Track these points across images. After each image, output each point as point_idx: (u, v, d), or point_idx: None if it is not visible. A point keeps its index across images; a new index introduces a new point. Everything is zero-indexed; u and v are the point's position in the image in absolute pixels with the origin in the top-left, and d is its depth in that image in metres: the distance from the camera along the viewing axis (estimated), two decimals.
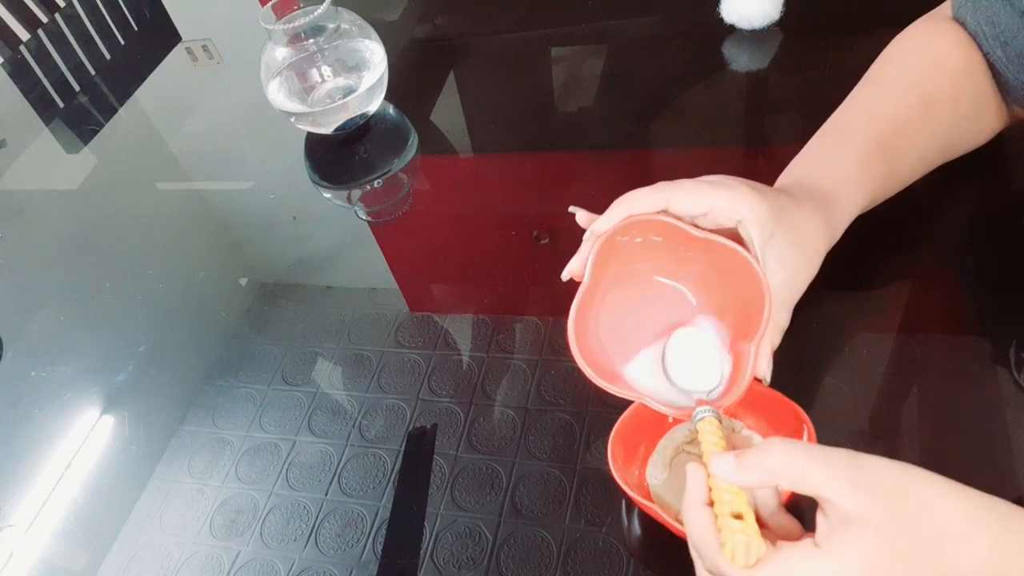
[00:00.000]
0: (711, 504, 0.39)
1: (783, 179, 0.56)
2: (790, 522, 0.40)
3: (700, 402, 0.46)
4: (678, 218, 0.49)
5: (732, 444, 0.42)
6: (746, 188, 0.48)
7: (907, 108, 0.57)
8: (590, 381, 0.47)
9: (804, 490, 0.37)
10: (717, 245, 0.48)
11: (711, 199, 0.48)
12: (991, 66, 0.58)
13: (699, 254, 0.50)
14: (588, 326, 0.50)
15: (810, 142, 0.58)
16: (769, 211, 0.48)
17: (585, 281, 0.49)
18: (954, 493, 0.36)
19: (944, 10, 0.62)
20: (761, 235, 0.48)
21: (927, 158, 0.59)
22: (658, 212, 0.49)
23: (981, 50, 0.58)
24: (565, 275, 0.51)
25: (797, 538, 0.38)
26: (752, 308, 0.48)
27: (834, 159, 0.56)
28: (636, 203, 0.49)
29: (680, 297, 0.52)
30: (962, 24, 0.59)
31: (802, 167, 0.56)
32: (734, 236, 0.49)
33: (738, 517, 0.38)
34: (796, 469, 0.37)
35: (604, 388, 0.47)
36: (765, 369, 0.48)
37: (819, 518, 0.37)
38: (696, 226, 0.49)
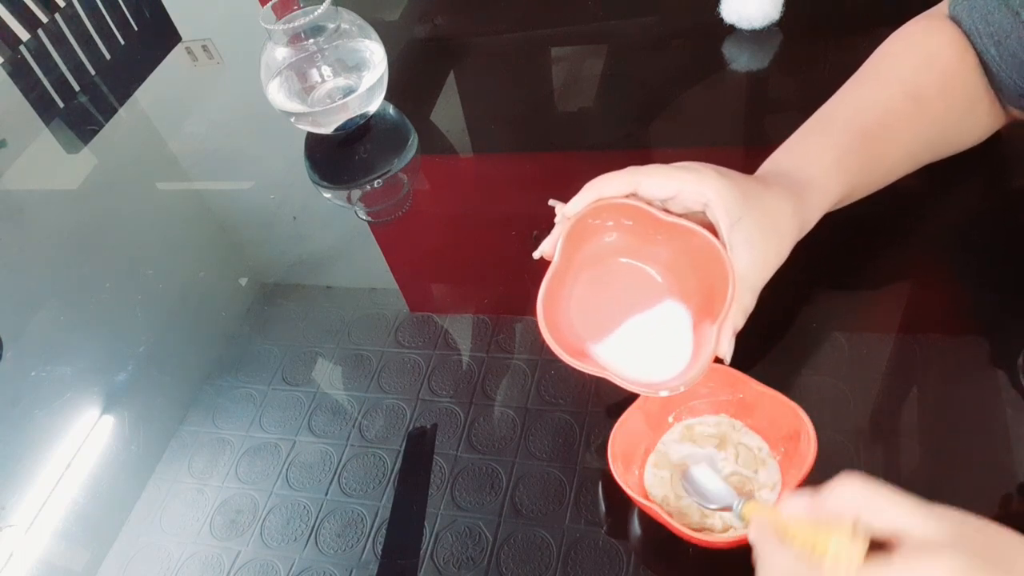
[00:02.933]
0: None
1: (764, 167, 0.57)
2: None
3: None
4: (648, 202, 0.50)
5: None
6: (712, 172, 0.50)
7: (894, 102, 0.57)
8: (558, 358, 0.48)
9: (880, 523, 0.36)
10: (684, 229, 0.50)
11: (678, 183, 0.49)
12: (985, 65, 0.58)
13: (668, 238, 0.51)
14: (559, 306, 0.52)
15: (794, 133, 0.58)
16: (736, 195, 0.49)
17: (555, 261, 0.51)
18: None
19: (940, 9, 0.62)
20: (728, 218, 0.48)
21: (915, 153, 0.59)
22: (627, 195, 0.50)
23: (975, 48, 0.58)
24: (536, 254, 0.53)
25: None
26: (717, 291, 0.49)
27: (813, 149, 0.56)
28: (606, 186, 0.50)
29: (649, 279, 0.53)
30: (957, 22, 0.59)
31: (781, 156, 0.57)
32: (704, 220, 0.50)
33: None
34: (873, 503, 0.36)
35: (570, 364, 0.49)
36: (726, 349, 0.49)
37: (895, 555, 0.36)
38: (666, 210, 0.51)
